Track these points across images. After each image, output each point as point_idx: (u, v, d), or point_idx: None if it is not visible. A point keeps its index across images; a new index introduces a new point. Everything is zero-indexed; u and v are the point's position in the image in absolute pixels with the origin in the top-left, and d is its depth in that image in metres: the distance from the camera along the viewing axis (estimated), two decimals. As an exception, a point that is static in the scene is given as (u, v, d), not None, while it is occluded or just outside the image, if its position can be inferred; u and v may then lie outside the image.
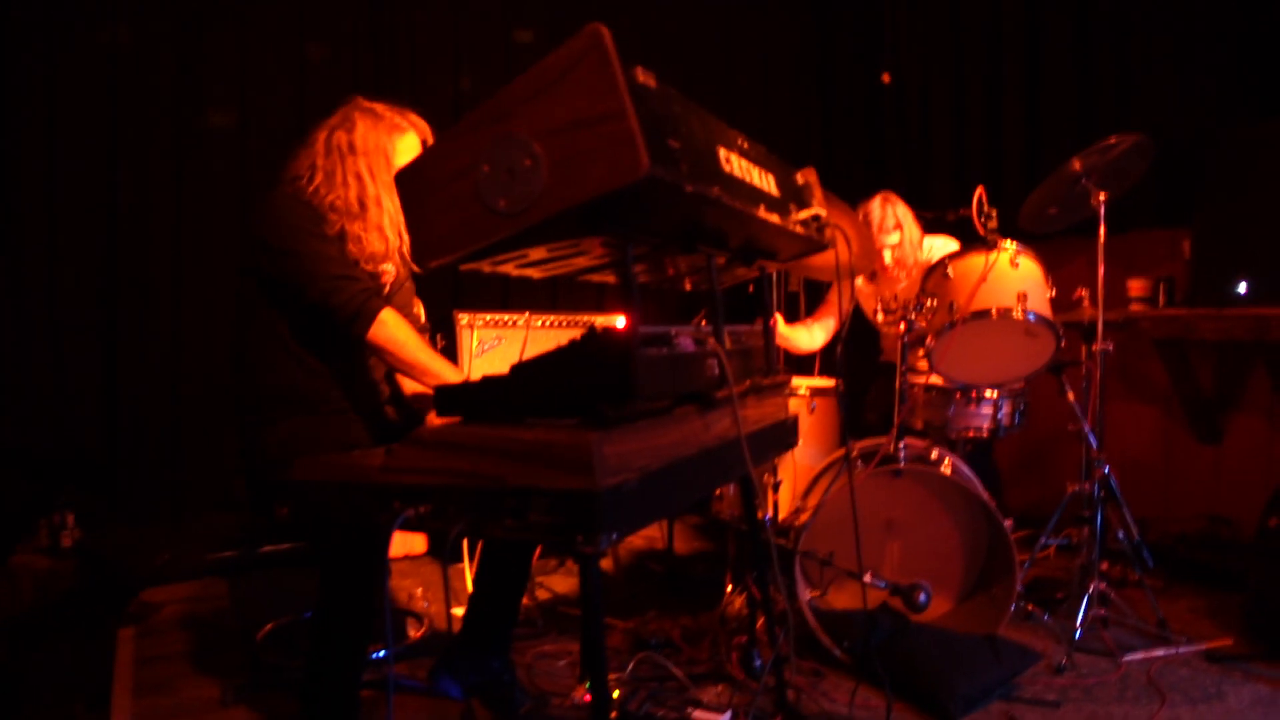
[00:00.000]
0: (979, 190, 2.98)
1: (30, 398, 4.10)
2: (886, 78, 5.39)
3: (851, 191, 3.77)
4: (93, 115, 4.21)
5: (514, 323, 3.47)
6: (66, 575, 3.67)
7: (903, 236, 3.74)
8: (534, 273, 1.78)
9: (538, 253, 1.60)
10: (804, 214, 2.06)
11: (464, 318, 3.40)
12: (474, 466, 1.42)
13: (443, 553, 3.38)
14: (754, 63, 6.03)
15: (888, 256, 3.75)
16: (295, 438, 2.16)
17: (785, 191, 1.98)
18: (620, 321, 3.37)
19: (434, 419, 2.31)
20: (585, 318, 3.55)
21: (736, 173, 1.68)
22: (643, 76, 1.34)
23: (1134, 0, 4.45)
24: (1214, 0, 4.15)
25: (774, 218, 1.83)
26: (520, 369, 1.51)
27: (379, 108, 2.42)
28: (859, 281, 3.96)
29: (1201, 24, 4.19)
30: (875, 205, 3.77)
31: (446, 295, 4.63)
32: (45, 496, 4.02)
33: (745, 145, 1.79)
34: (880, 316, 3.33)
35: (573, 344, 1.48)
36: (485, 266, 1.61)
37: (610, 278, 2.01)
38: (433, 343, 3.14)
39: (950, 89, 5.49)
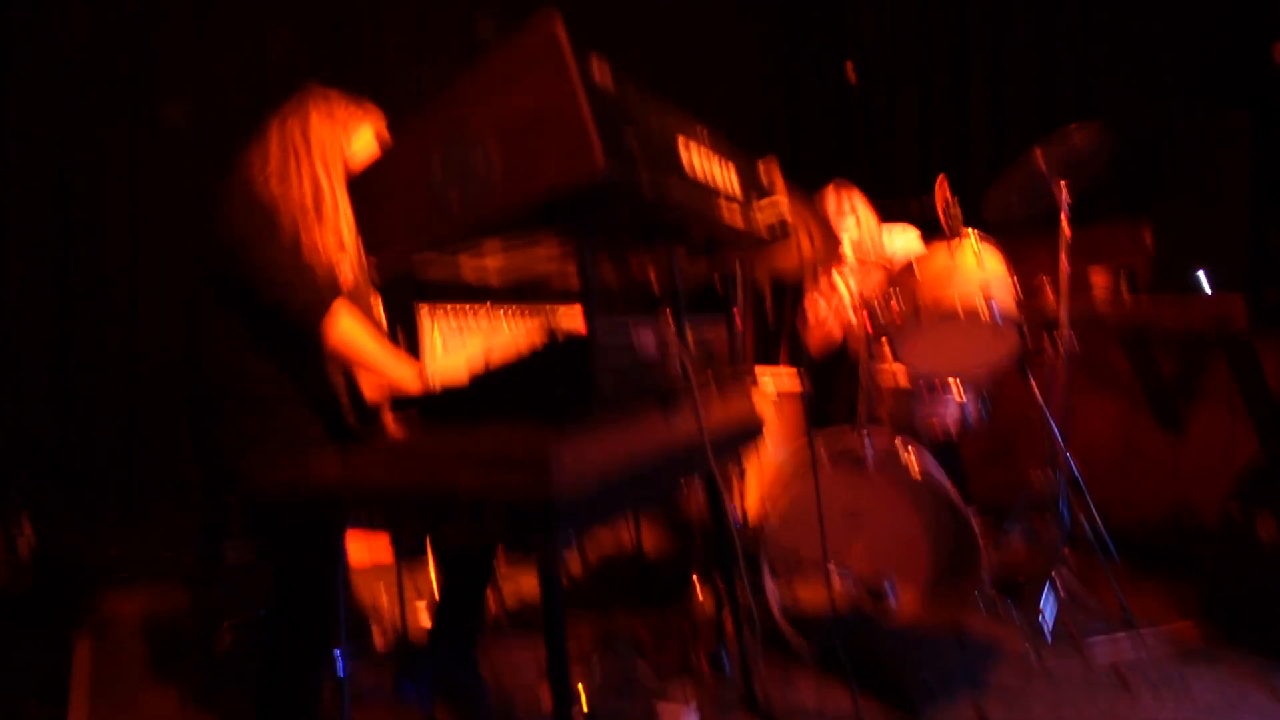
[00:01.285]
0: (940, 180, 2.97)
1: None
2: (850, 67, 5.37)
3: (818, 182, 3.75)
4: (45, 104, 4.11)
5: (476, 313, 3.42)
6: (21, 576, 3.59)
7: (860, 225, 3.73)
8: (493, 279, 1.75)
9: (492, 246, 1.57)
10: (765, 205, 2.03)
11: (425, 308, 3.35)
12: (430, 471, 1.39)
13: (400, 556, 3.34)
14: (721, 56, 6.01)
15: (845, 245, 3.73)
16: (249, 434, 2.11)
17: (746, 183, 1.95)
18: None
19: (389, 420, 2.26)
20: (549, 307, 3.50)
21: (696, 165, 1.65)
22: (597, 67, 1.31)
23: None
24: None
25: (734, 210, 1.80)
26: (479, 372, 1.48)
27: (333, 95, 2.34)
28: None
29: (1161, 15, 4.21)
30: (829, 194, 3.76)
31: (409, 286, 4.56)
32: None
33: (705, 136, 1.76)
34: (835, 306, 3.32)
35: (532, 346, 1.45)
36: (434, 267, 1.57)
37: (572, 280, 1.98)
38: (393, 336, 3.09)
39: (915, 79, 5.49)
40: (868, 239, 3.75)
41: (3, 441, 4.02)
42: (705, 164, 1.70)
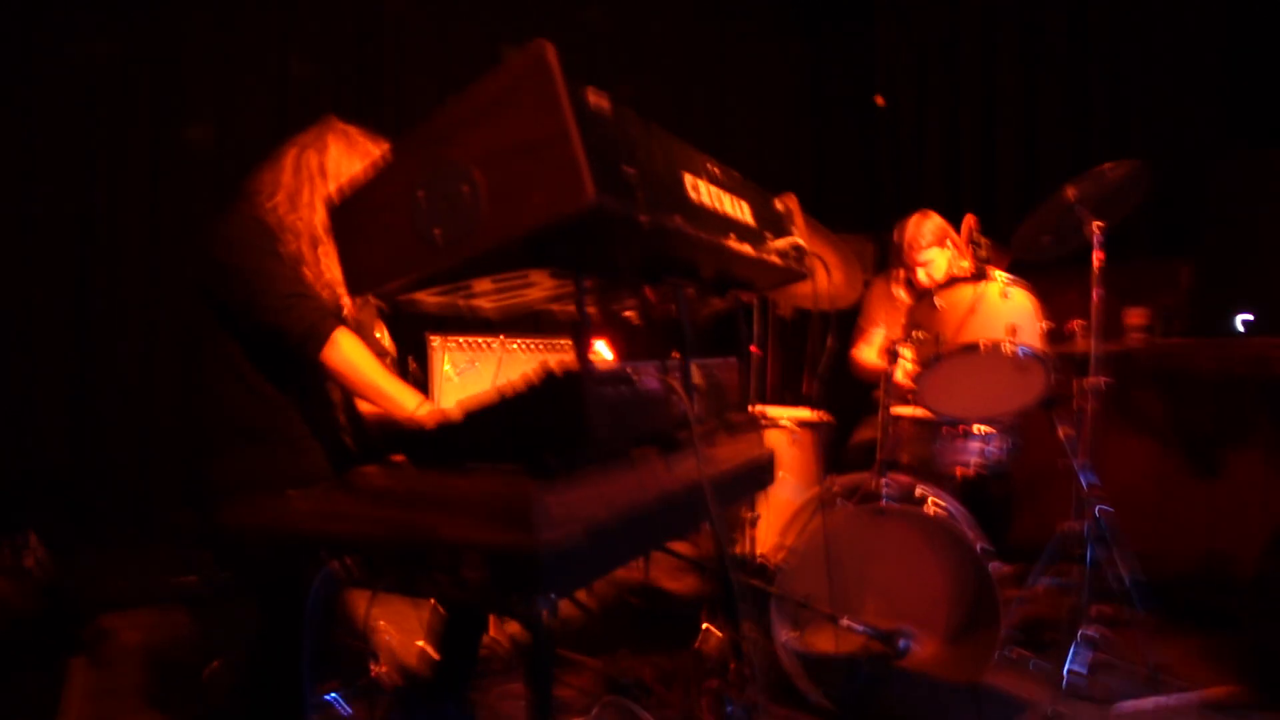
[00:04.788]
0: (968, 219, 2.87)
1: (-4, 414, 4.00)
2: (880, 100, 5.30)
3: (844, 217, 3.66)
4: (67, 130, 4.12)
5: (489, 345, 3.35)
6: (27, 596, 3.56)
7: (945, 254, 3.62)
8: (484, 303, 1.67)
9: (482, 284, 1.49)
10: (781, 243, 1.95)
11: (436, 340, 3.29)
12: (407, 516, 1.31)
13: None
14: (748, 88, 5.98)
15: (922, 275, 3.61)
16: (241, 470, 2.05)
17: (761, 219, 1.87)
18: (605, 350, 3.26)
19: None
20: (564, 341, 3.44)
21: (705, 200, 1.57)
22: (594, 98, 1.24)
23: (1132, 26, 4.37)
24: (1214, 27, 4.06)
25: (746, 247, 1.72)
26: (468, 408, 1.40)
27: (353, 131, 2.30)
28: (900, 293, 3.78)
29: (1202, 50, 4.11)
30: (911, 222, 3.63)
31: (424, 316, 4.51)
32: (8, 515, 3.91)
33: (716, 171, 1.68)
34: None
35: (524, 382, 1.37)
36: (427, 298, 1.49)
37: (574, 309, 1.90)
38: (403, 367, 3.03)
39: (945, 114, 5.41)
40: (957, 260, 3.61)
41: (15, 465, 4.01)
42: (715, 198, 1.62)
